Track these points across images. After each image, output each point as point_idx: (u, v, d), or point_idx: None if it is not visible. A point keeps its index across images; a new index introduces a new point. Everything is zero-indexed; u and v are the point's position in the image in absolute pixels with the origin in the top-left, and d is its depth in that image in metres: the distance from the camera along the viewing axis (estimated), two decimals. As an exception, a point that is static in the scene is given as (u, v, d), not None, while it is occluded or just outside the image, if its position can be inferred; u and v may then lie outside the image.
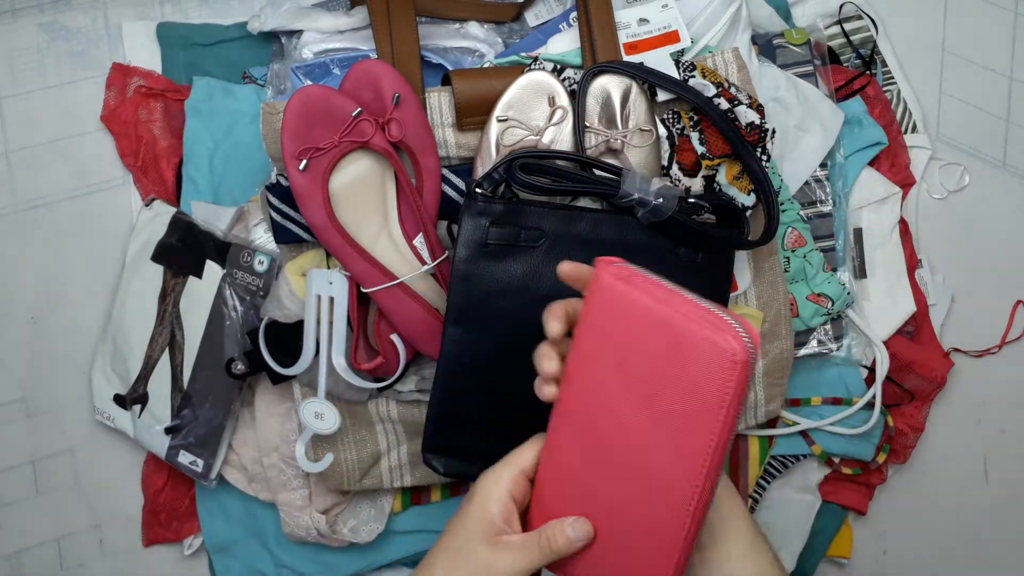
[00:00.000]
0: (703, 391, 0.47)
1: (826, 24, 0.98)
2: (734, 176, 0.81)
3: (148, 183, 0.94)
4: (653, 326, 0.49)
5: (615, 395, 0.51)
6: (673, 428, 0.49)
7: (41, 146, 0.95)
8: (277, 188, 0.80)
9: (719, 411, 0.47)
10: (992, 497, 1.00)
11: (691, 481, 0.49)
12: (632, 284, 0.51)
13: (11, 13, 0.95)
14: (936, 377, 0.96)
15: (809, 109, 0.91)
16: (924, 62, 1.01)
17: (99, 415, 0.93)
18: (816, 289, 0.90)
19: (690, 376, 0.47)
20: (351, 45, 0.87)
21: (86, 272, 0.95)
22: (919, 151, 0.99)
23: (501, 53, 0.88)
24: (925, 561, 1.01)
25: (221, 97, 0.93)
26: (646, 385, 0.49)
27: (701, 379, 0.47)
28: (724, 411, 0.47)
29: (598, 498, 0.53)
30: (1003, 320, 1.00)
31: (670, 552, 0.51)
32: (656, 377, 0.49)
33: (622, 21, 0.83)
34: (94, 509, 0.96)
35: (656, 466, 0.50)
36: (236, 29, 0.95)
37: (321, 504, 0.89)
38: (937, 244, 1.00)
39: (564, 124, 0.77)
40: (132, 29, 0.96)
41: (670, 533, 0.51)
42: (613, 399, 0.51)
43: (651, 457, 0.50)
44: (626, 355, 0.50)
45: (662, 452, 0.50)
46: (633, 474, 0.51)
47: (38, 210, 0.95)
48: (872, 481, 0.97)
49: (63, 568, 0.96)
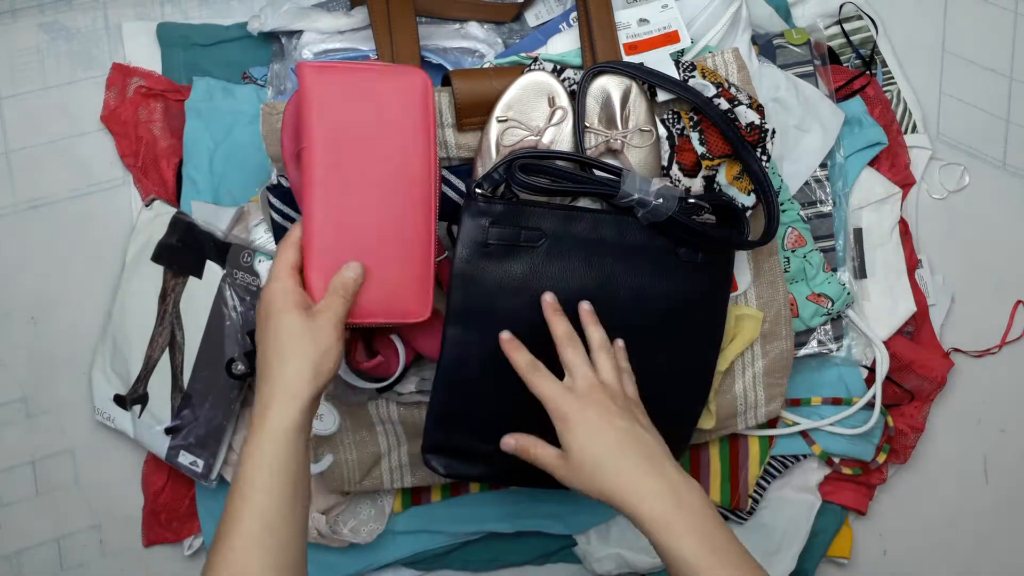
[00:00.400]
0: (413, 115, 0.68)
1: (826, 24, 0.98)
2: (734, 176, 0.81)
3: (148, 183, 0.94)
4: (362, 89, 0.68)
5: (353, 153, 0.67)
6: (401, 152, 0.68)
7: (41, 146, 0.95)
8: (277, 189, 0.80)
9: (427, 122, 0.69)
10: (992, 497, 1.01)
11: (424, 178, 0.69)
12: (332, 68, 0.68)
13: (11, 13, 0.95)
14: (936, 377, 0.96)
15: (809, 109, 0.91)
16: (924, 62, 1.01)
17: (99, 415, 0.93)
18: (816, 289, 0.90)
19: (398, 109, 0.68)
20: (351, 45, 0.87)
21: (86, 272, 0.95)
22: (919, 151, 0.99)
23: (501, 53, 0.88)
24: (925, 561, 1.01)
25: (221, 97, 0.93)
26: (372, 130, 0.68)
27: (409, 107, 0.68)
28: (430, 121, 0.69)
29: (359, 245, 0.68)
30: (1003, 320, 1.00)
31: (426, 250, 0.70)
32: (376, 122, 0.68)
33: (622, 21, 0.83)
34: (94, 509, 0.96)
35: (397, 188, 0.68)
36: (236, 29, 0.95)
37: (321, 504, 0.89)
38: (937, 244, 1.00)
39: (564, 124, 0.77)
40: (132, 29, 0.96)
41: (421, 234, 0.69)
42: (352, 156, 0.67)
43: (392, 185, 0.68)
44: (350, 118, 0.67)
45: (399, 176, 0.68)
46: (382, 211, 0.68)
47: (38, 210, 0.95)
48: (872, 481, 0.97)
49: (63, 568, 0.96)
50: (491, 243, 0.72)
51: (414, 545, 0.94)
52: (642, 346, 0.75)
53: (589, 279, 0.73)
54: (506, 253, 0.72)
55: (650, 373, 0.75)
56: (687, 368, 0.79)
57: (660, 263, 0.75)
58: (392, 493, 0.92)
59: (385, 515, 0.91)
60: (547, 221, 0.73)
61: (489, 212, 0.71)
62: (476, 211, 0.71)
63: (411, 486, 0.88)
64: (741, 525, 0.95)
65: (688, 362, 0.78)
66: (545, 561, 0.98)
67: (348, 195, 0.68)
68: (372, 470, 0.87)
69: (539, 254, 0.73)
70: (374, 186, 0.68)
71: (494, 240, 0.72)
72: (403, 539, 0.93)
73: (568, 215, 0.73)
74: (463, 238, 0.72)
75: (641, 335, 0.75)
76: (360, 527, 0.90)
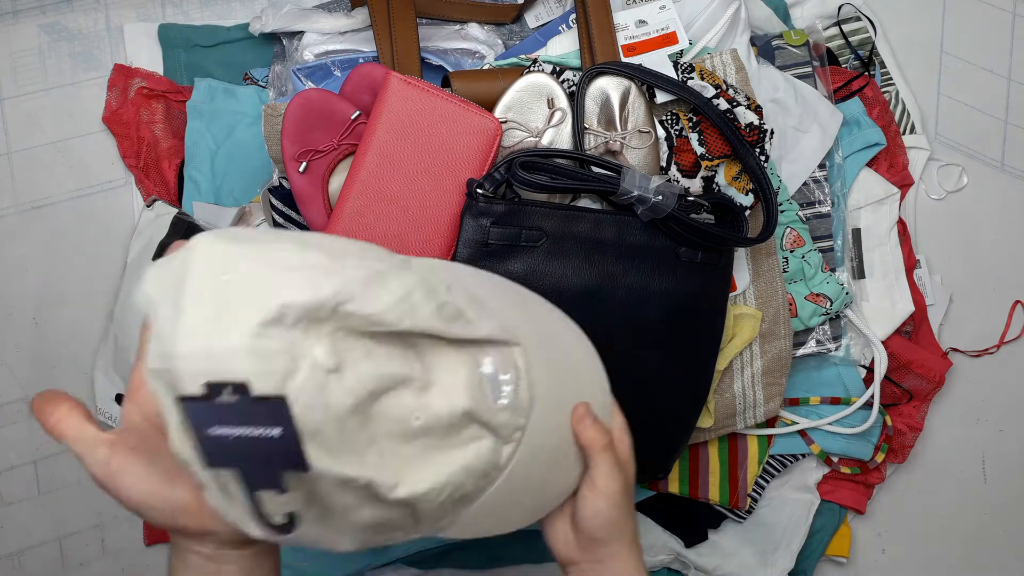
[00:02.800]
0: (475, 149, 0.74)
1: (825, 25, 0.99)
2: (732, 176, 0.81)
3: (150, 184, 0.95)
4: (439, 111, 0.73)
5: (404, 161, 0.73)
6: (450, 178, 0.74)
7: (43, 147, 0.96)
8: (279, 190, 0.81)
9: (484, 160, 0.75)
10: (990, 496, 1.01)
11: (456, 202, 0.74)
12: (417, 85, 0.73)
13: (13, 14, 0.96)
14: (934, 377, 0.96)
15: (808, 110, 0.91)
16: (922, 63, 1.01)
17: (101, 415, 0.93)
18: (815, 289, 0.90)
19: (462, 142, 0.74)
20: (352, 47, 0.87)
21: (88, 273, 0.95)
22: (917, 152, 0.99)
23: (501, 55, 0.88)
24: (923, 560, 1.01)
25: (222, 98, 0.93)
26: (429, 152, 0.74)
27: (475, 142, 0.74)
28: (488, 161, 0.75)
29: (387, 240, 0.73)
30: (1001, 320, 1.00)
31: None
32: (438, 146, 0.74)
33: (620, 23, 0.83)
34: (96, 509, 0.96)
35: (433, 205, 0.74)
36: (237, 31, 0.95)
37: (322, 503, 0.89)
38: (935, 244, 1.00)
39: (563, 126, 0.77)
40: (133, 30, 0.96)
41: (441, 248, 0.74)
42: (402, 164, 0.73)
43: (430, 199, 0.74)
44: (413, 133, 0.73)
45: (440, 196, 0.74)
46: (412, 214, 0.74)
47: (40, 211, 0.96)
48: (871, 480, 0.97)
49: (65, 567, 0.96)
50: (492, 243, 0.72)
51: (415, 544, 0.94)
52: (642, 345, 0.75)
53: (590, 278, 0.74)
54: (507, 253, 0.72)
55: (649, 372, 0.75)
56: (686, 367, 0.79)
57: (660, 263, 0.75)
58: (393, 492, 0.92)
59: (386, 514, 0.91)
60: (548, 221, 0.73)
61: (490, 212, 0.72)
62: (477, 211, 0.72)
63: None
64: (740, 524, 0.96)
65: (687, 361, 0.79)
66: (545, 560, 0.98)
67: (381, 202, 0.73)
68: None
69: (540, 254, 0.73)
70: (411, 198, 0.74)
71: (495, 240, 0.72)
72: (404, 538, 0.94)
73: (569, 215, 0.73)
74: (464, 238, 0.72)
75: (641, 334, 0.75)
76: (361, 526, 0.90)
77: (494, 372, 0.52)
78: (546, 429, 0.55)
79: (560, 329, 0.62)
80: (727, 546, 0.95)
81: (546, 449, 0.56)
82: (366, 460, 0.45)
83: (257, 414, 0.41)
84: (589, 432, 0.58)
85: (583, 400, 0.59)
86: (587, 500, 0.59)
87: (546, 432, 0.55)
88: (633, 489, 0.62)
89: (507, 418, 0.51)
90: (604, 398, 0.62)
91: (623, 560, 0.60)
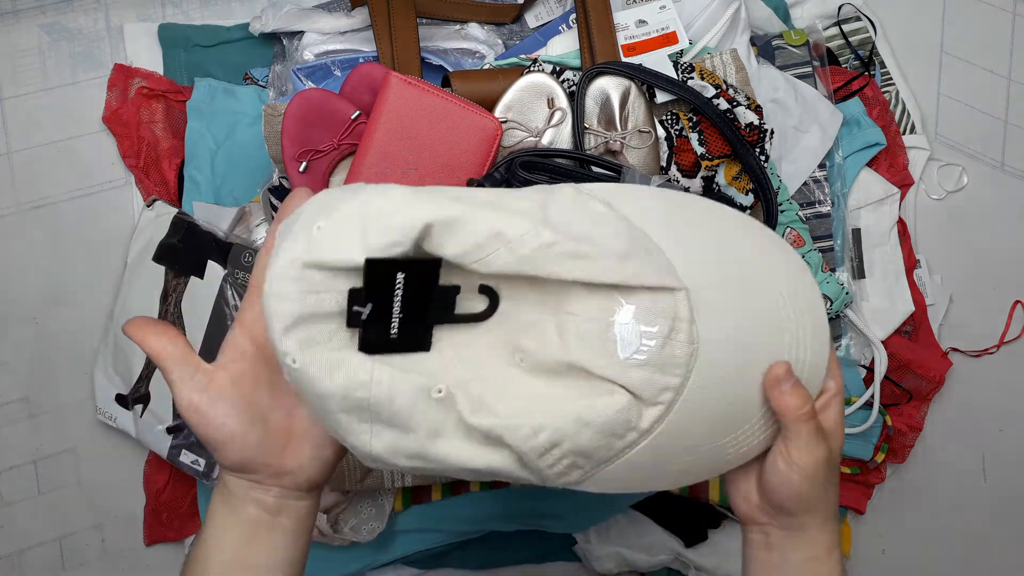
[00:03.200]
0: (475, 147, 0.74)
1: (825, 25, 0.99)
2: (733, 176, 0.81)
3: (150, 184, 0.95)
4: (439, 110, 0.73)
5: (404, 161, 0.73)
6: (450, 177, 0.74)
7: (43, 147, 0.96)
8: (279, 190, 0.81)
9: (484, 159, 0.75)
10: (991, 497, 1.01)
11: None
12: (417, 85, 0.73)
13: (13, 14, 0.96)
14: (934, 377, 0.96)
15: (808, 110, 0.91)
16: (922, 63, 1.01)
17: (101, 415, 0.93)
18: (815, 289, 0.90)
19: (462, 141, 0.74)
20: (352, 46, 0.87)
21: (88, 272, 0.95)
22: (917, 152, 0.99)
23: (501, 55, 0.88)
24: (924, 560, 1.01)
25: (223, 98, 0.93)
26: (430, 151, 0.74)
27: (475, 141, 0.74)
28: (488, 160, 0.75)
29: None
30: (1001, 320, 1.00)
31: None
32: (438, 146, 0.74)
33: (620, 23, 0.83)
34: (96, 509, 0.96)
35: None
36: (237, 30, 0.95)
37: (322, 503, 0.89)
38: (935, 244, 1.00)
39: (563, 125, 0.77)
40: (133, 30, 0.96)
41: None
42: (402, 164, 0.73)
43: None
44: (413, 132, 0.73)
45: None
46: None
47: (40, 211, 0.96)
48: (871, 480, 0.97)
49: (65, 568, 0.96)
50: (491, 243, 0.72)
51: (415, 543, 0.94)
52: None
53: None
54: (506, 253, 0.72)
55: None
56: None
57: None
58: (393, 492, 0.92)
59: (386, 514, 0.91)
60: (547, 221, 0.73)
61: (489, 212, 0.72)
62: (476, 211, 0.72)
63: (412, 485, 0.89)
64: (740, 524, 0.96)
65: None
66: (545, 560, 0.98)
67: None
68: (373, 469, 0.87)
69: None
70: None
71: (494, 240, 0.72)
72: (404, 538, 0.94)
73: (568, 215, 0.73)
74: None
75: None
76: (361, 526, 0.90)
77: (632, 322, 0.45)
78: (719, 389, 0.48)
79: (766, 265, 0.52)
80: (727, 546, 0.95)
81: (716, 413, 0.49)
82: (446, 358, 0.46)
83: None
84: (786, 399, 0.49)
85: (782, 357, 0.50)
86: (778, 469, 0.52)
87: (720, 393, 0.48)
88: (837, 461, 0.54)
89: (645, 376, 0.45)
90: (816, 354, 0.52)
91: (812, 538, 0.54)
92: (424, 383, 0.45)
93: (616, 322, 0.45)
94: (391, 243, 0.43)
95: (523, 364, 0.47)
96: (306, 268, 0.43)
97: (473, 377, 0.47)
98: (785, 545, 0.54)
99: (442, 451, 0.46)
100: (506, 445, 0.46)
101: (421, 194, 0.44)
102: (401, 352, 0.46)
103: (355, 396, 0.44)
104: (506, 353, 0.47)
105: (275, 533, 0.51)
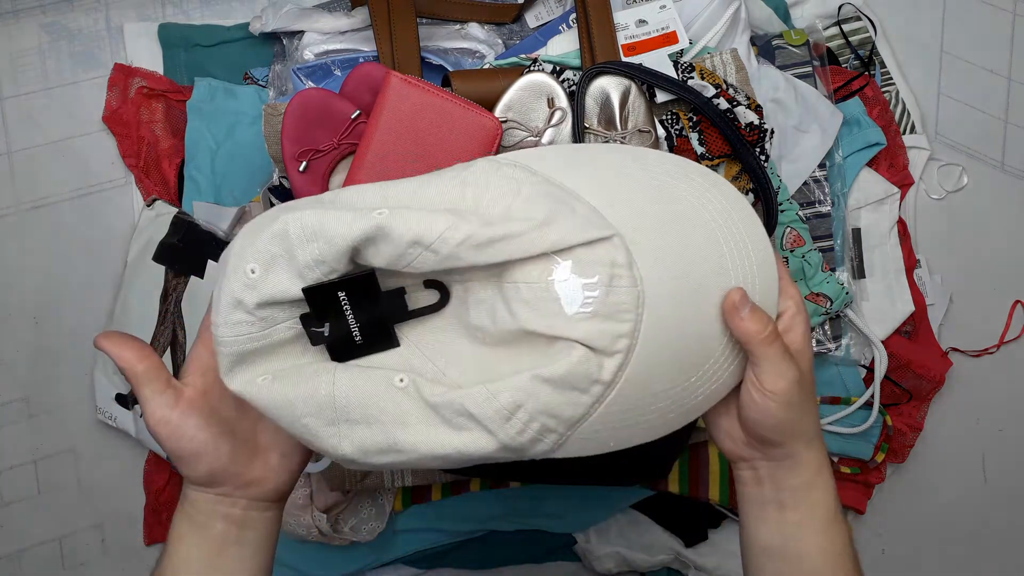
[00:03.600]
0: (475, 146, 0.73)
1: (825, 25, 0.99)
2: (733, 176, 0.81)
3: (150, 183, 0.95)
4: (439, 110, 0.73)
5: (404, 160, 0.73)
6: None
7: (43, 147, 0.96)
8: (279, 189, 0.81)
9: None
10: (990, 496, 1.01)
11: None
12: (417, 84, 0.73)
13: (13, 14, 0.96)
14: (934, 377, 0.96)
15: (808, 110, 0.91)
16: (922, 63, 1.01)
17: (101, 414, 0.93)
18: (815, 289, 0.90)
19: (462, 141, 0.73)
20: (352, 46, 0.87)
21: (88, 272, 0.95)
22: (917, 152, 0.99)
23: (501, 54, 0.88)
24: (923, 560, 1.01)
25: (223, 98, 0.93)
26: (430, 151, 0.73)
27: (472, 144, 0.73)
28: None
29: None
30: (1001, 320, 1.00)
31: None
32: (438, 145, 0.73)
33: (620, 22, 0.83)
34: (96, 508, 0.96)
35: None
36: (237, 30, 0.95)
37: (322, 503, 0.89)
38: (935, 244, 1.00)
39: (563, 125, 0.77)
40: (134, 30, 0.96)
41: None
42: (402, 164, 0.73)
43: None
44: (413, 131, 0.73)
45: None
46: None
47: (40, 210, 0.96)
48: (871, 480, 0.97)
49: (65, 567, 0.96)
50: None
51: (415, 543, 0.94)
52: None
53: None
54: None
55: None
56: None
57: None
58: (393, 491, 0.92)
59: (386, 513, 0.91)
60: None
61: (489, 212, 0.72)
62: (476, 211, 0.72)
63: (412, 485, 0.89)
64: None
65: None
66: (545, 559, 0.98)
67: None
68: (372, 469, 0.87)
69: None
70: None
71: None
72: (404, 537, 0.94)
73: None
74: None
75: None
76: (361, 525, 0.90)
77: (572, 277, 0.45)
78: (675, 328, 0.47)
79: (695, 196, 0.51)
80: (727, 546, 0.95)
81: (677, 353, 0.48)
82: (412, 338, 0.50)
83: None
84: (746, 324, 0.48)
85: (730, 285, 0.49)
86: (753, 401, 0.51)
87: (676, 332, 0.48)
88: (811, 379, 0.52)
89: (595, 327, 0.45)
90: (764, 277, 0.51)
91: (800, 462, 0.52)
92: (385, 376, 0.47)
93: (555, 280, 0.46)
94: (328, 272, 0.46)
95: (485, 341, 0.48)
96: (249, 310, 0.46)
97: (435, 362, 0.48)
98: (776, 476, 0.54)
99: (411, 439, 0.46)
100: (472, 419, 0.46)
101: (340, 211, 0.46)
102: (373, 354, 0.48)
103: (318, 397, 0.46)
104: (467, 333, 0.49)
105: (242, 547, 0.52)
